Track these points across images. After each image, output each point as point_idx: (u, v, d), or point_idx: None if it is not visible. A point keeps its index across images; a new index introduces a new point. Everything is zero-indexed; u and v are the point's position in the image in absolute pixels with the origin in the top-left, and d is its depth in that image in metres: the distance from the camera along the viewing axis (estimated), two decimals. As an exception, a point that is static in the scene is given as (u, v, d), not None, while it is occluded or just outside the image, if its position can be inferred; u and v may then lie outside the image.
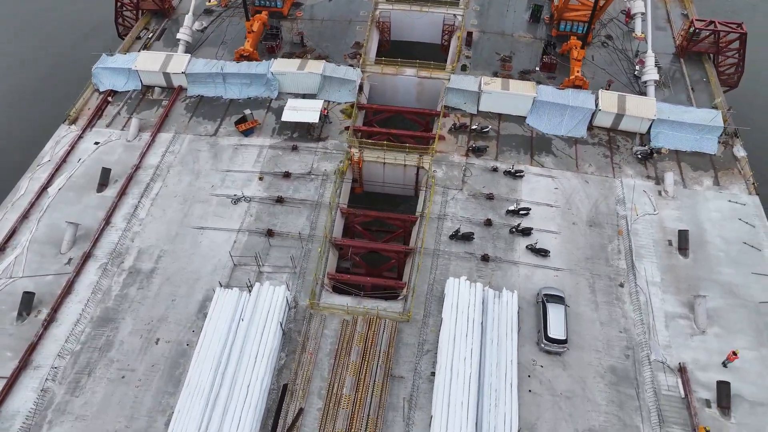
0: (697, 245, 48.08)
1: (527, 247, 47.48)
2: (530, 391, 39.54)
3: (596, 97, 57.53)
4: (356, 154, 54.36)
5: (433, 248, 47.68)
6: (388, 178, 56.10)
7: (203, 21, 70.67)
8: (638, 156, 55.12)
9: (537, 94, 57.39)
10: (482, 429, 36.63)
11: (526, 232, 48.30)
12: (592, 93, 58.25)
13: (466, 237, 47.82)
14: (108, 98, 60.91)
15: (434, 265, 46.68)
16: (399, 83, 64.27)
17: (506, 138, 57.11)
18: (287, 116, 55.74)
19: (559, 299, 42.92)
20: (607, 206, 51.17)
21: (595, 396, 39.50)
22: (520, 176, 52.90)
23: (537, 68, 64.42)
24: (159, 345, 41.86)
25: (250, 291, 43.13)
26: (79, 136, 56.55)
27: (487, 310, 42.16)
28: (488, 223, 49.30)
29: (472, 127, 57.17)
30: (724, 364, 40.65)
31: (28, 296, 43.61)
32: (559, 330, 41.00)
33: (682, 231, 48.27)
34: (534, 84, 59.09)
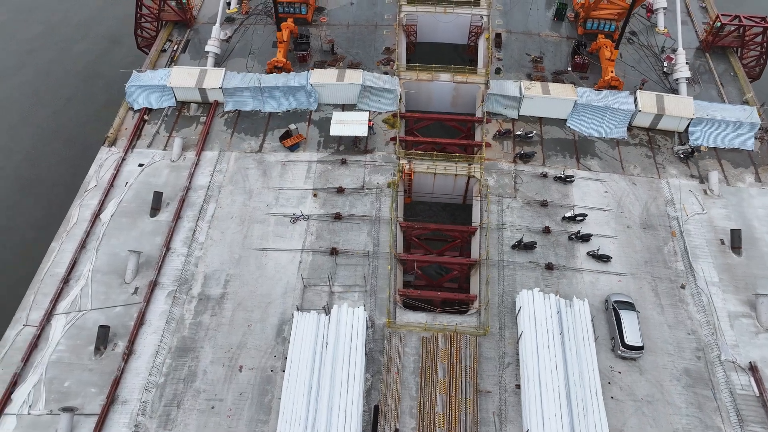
0: (748, 243, 49.80)
1: (588, 254, 48.63)
2: (612, 398, 40.94)
3: (635, 98, 58.60)
4: (407, 166, 54.67)
5: (498, 259, 48.58)
6: (438, 188, 56.59)
7: (226, 30, 69.53)
8: (680, 155, 56.51)
9: (578, 97, 58.20)
10: (576, 439, 37.96)
11: (586, 239, 49.41)
12: (630, 93, 59.26)
13: (529, 246, 48.75)
14: (144, 117, 59.95)
15: (501, 277, 47.60)
16: (433, 88, 64.40)
17: (550, 142, 57.93)
18: (335, 130, 55.60)
19: (630, 305, 44.23)
20: (657, 208, 52.53)
21: (674, 399, 41.11)
22: (571, 181, 53.87)
23: (569, 68, 65.15)
24: (243, 373, 42.16)
25: (328, 313, 43.59)
26: (123, 159, 55.74)
27: (561, 320, 43.34)
28: (547, 231, 50.29)
29: (517, 133, 57.79)
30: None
31: (104, 330, 43.43)
32: (636, 336, 42.37)
33: (735, 230, 49.89)
34: (573, 87, 59.80)
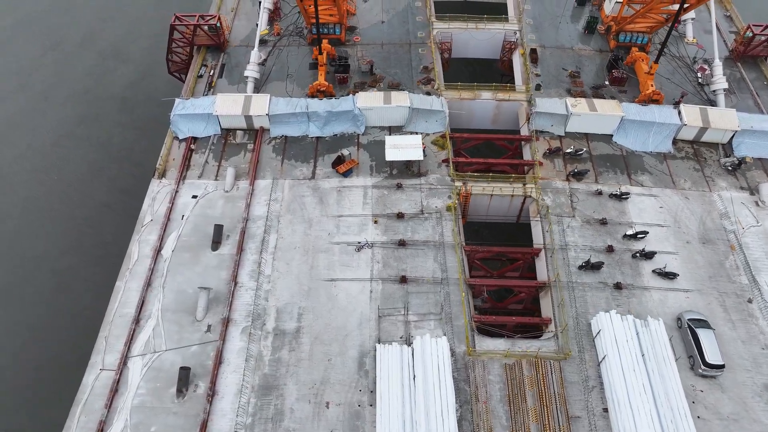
0: (806, 254, 51.00)
1: (654, 271, 49.26)
2: (699, 417, 41.57)
3: (678, 111, 59.46)
4: (463, 188, 54.86)
5: (567, 280, 49.00)
6: (493, 209, 56.85)
7: (261, 53, 69.03)
8: (727, 167, 57.51)
9: (624, 113, 58.88)
10: (672, 462, 38.54)
11: (650, 256, 50.04)
12: (674, 107, 60.13)
13: (596, 266, 49.23)
14: (191, 146, 59.34)
15: (572, 298, 48.04)
16: (474, 107, 64.58)
17: (599, 159, 58.54)
18: (391, 155, 55.56)
19: (705, 323, 44.92)
20: (713, 221, 53.41)
21: (759, 416, 41.86)
22: (626, 198, 54.50)
23: (606, 82, 65.87)
24: (331, 409, 41.97)
25: (409, 344, 43.64)
26: (176, 191, 55.10)
27: (640, 341, 43.87)
28: (610, 249, 50.84)
29: (567, 151, 58.31)
30: None
31: (185, 372, 42.92)
32: (716, 355, 43.05)
33: (793, 242, 51.02)
34: (617, 102, 60.54)
